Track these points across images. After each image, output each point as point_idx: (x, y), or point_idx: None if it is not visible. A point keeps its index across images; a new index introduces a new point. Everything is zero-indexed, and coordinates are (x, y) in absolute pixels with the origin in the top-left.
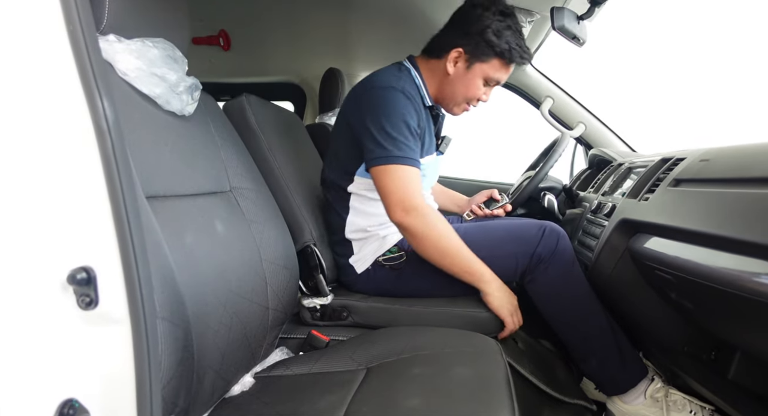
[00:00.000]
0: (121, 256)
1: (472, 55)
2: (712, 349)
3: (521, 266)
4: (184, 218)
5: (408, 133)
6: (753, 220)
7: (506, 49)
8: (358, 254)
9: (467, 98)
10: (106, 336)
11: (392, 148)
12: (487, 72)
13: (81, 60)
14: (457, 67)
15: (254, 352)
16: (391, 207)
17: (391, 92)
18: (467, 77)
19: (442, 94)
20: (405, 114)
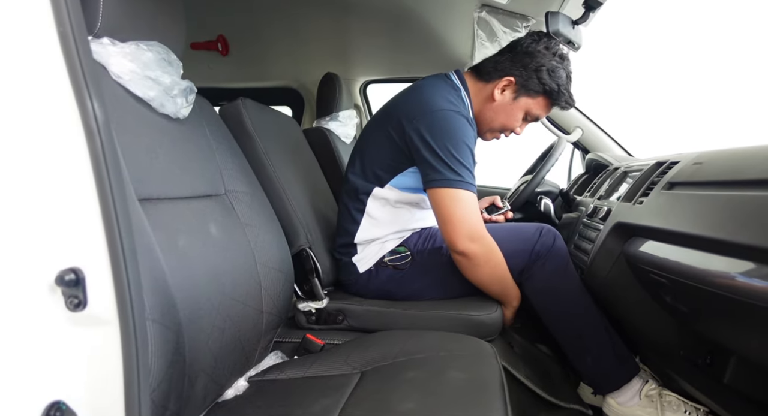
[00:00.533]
0: (110, 257)
1: (522, 87)
2: (707, 353)
3: (520, 263)
4: (178, 221)
5: (471, 160)
6: (745, 222)
7: (555, 90)
8: (361, 253)
9: (504, 127)
10: (94, 337)
11: (462, 174)
12: (531, 107)
13: (71, 60)
14: (504, 95)
15: (248, 356)
16: (455, 233)
17: (457, 117)
18: (511, 107)
19: (482, 117)
20: (468, 139)
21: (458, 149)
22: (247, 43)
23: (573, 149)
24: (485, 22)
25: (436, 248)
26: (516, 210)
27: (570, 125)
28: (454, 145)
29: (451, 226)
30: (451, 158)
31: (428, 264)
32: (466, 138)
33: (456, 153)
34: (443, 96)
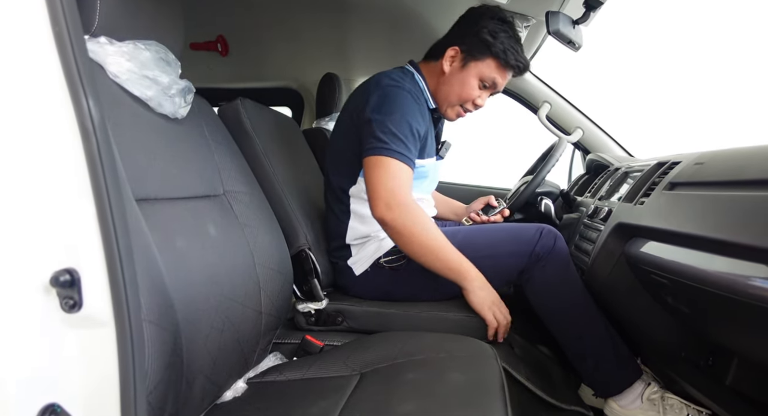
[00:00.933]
0: (106, 258)
1: (468, 53)
2: (709, 354)
3: (520, 265)
4: (176, 221)
5: (408, 133)
6: (748, 223)
7: (501, 50)
8: (356, 256)
9: (461, 99)
10: (90, 339)
11: (389, 142)
12: (482, 71)
13: (66, 60)
14: (453, 66)
15: (247, 357)
16: (374, 201)
17: (397, 91)
18: (462, 75)
19: (439, 95)
20: (409, 114)
21: (391, 119)
22: (246, 43)
23: (573, 150)
24: None
25: None
26: (516, 211)
27: (570, 126)
28: (388, 115)
29: (370, 193)
30: (384, 128)
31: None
32: (403, 109)
33: (389, 123)
34: (388, 76)
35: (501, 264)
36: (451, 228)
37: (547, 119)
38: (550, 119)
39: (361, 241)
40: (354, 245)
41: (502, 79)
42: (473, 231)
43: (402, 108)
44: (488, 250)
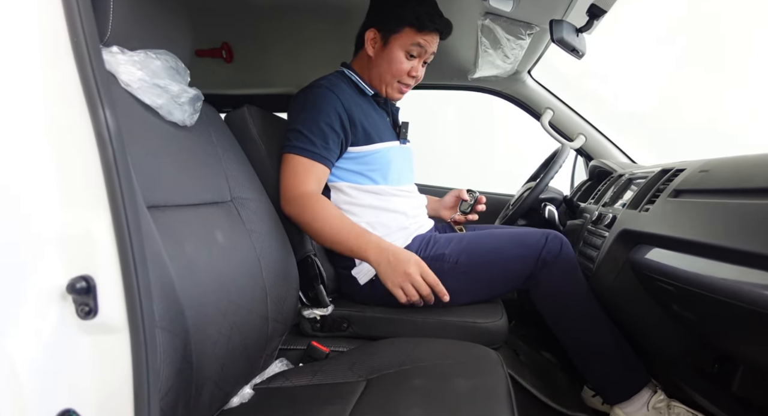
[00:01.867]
0: (121, 265)
1: (383, 30)
2: (715, 361)
3: (527, 270)
4: (185, 228)
5: (315, 126)
6: (754, 231)
7: (414, 17)
8: (360, 265)
9: (394, 74)
10: (104, 345)
11: (291, 139)
12: (404, 41)
13: (84, 70)
14: (375, 48)
15: (254, 363)
16: (280, 196)
17: (309, 90)
18: (386, 53)
19: (374, 79)
20: (316, 106)
21: (300, 118)
22: (251, 50)
23: (576, 156)
24: (489, 29)
25: (438, 254)
26: (520, 217)
27: (573, 132)
28: (298, 117)
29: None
30: (291, 126)
31: (433, 269)
32: (315, 105)
33: (295, 122)
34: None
35: (507, 270)
36: (456, 234)
37: (550, 125)
38: (552, 125)
39: None
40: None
41: (427, 43)
42: (478, 237)
43: (313, 104)
44: (494, 255)
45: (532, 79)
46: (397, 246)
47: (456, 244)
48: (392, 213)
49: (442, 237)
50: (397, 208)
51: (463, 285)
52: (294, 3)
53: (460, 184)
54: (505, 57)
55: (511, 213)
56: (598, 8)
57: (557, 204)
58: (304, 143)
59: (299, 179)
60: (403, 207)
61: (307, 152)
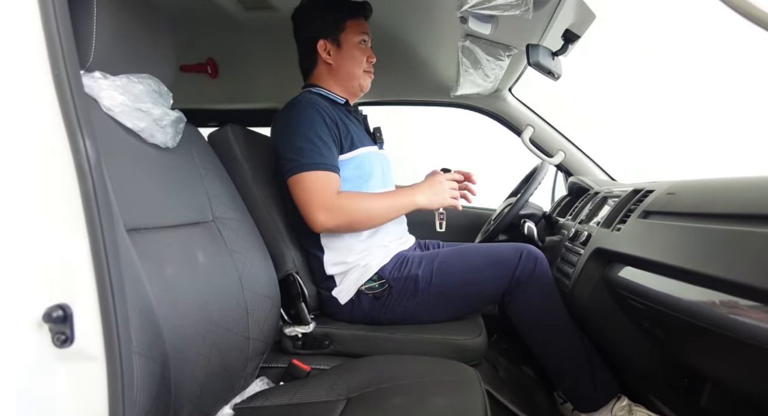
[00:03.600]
0: (99, 294)
1: (332, 35)
2: (685, 377)
3: (501, 288)
4: (166, 250)
5: (315, 138)
6: (714, 255)
7: (347, 11)
8: (340, 285)
9: (359, 65)
10: (80, 373)
11: (297, 157)
12: (351, 35)
13: (65, 103)
14: (332, 54)
15: (233, 383)
16: (309, 215)
17: (289, 108)
18: (344, 51)
19: (344, 80)
20: (306, 121)
21: (296, 134)
22: (235, 65)
23: (556, 171)
24: (469, 50)
25: (411, 275)
26: (501, 232)
27: (553, 148)
28: (291, 132)
29: (304, 212)
30: (290, 147)
31: (407, 290)
32: (300, 120)
33: (294, 139)
34: (290, 105)
35: (482, 289)
36: (428, 253)
37: (531, 142)
38: (533, 142)
39: (342, 270)
40: (337, 275)
41: (365, 29)
42: (451, 255)
43: (298, 119)
44: (467, 275)
45: (513, 96)
46: (422, 183)
47: (428, 265)
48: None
49: (416, 256)
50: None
51: (438, 305)
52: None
53: None
54: (486, 76)
55: (492, 229)
56: (572, 33)
57: (536, 220)
58: (310, 157)
59: (326, 191)
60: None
61: (318, 165)
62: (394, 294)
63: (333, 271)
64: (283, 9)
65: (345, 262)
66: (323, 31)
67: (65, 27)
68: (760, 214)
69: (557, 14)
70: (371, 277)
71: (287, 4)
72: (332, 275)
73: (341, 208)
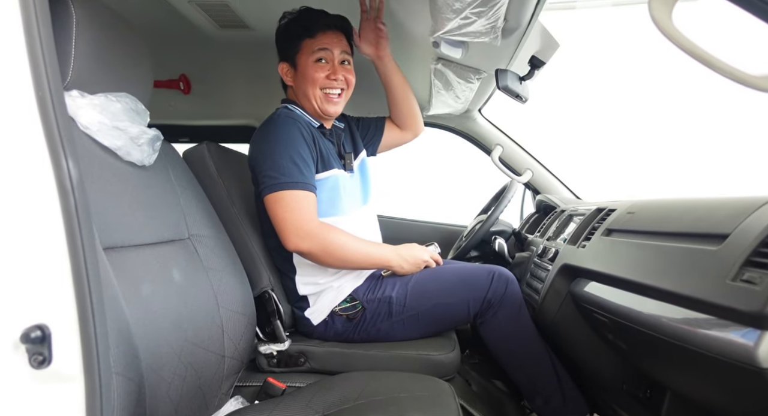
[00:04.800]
0: (79, 313)
1: (289, 57)
2: (647, 388)
3: (473, 310)
4: (142, 268)
5: (296, 156)
6: (669, 270)
7: (300, 29)
8: (313, 306)
9: (315, 85)
10: (58, 394)
11: (278, 175)
12: (305, 57)
13: (48, 122)
14: (291, 76)
15: (208, 403)
16: (285, 234)
17: (269, 123)
18: (300, 72)
19: (305, 101)
20: (286, 138)
21: (275, 150)
22: (209, 82)
23: (524, 189)
24: (441, 73)
25: (385, 297)
26: (472, 248)
27: (521, 167)
28: (270, 147)
29: (279, 228)
30: (269, 163)
31: (381, 313)
32: (288, 138)
33: (274, 155)
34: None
35: (454, 312)
36: (398, 278)
37: (500, 160)
38: (502, 160)
39: (315, 290)
40: (310, 296)
41: (328, 43)
42: (425, 277)
43: (278, 135)
44: (440, 299)
45: (483, 117)
46: (403, 247)
47: (402, 287)
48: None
49: (389, 278)
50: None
51: (412, 326)
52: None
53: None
54: (457, 97)
55: (464, 245)
56: (538, 60)
57: (507, 236)
58: (291, 176)
59: (304, 213)
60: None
61: (299, 184)
62: (368, 316)
63: (305, 292)
64: (258, 28)
65: (316, 283)
66: (282, 54)
67: (49, 47)
68: (706, 233)
69: (524, 42)
70: (345, 299)
71: (262, 23)
72: (305, 295)
73: (318, 233)
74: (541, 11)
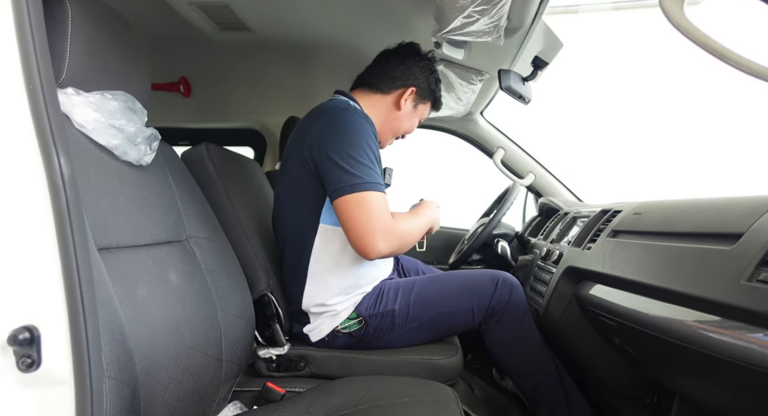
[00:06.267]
0: (69, 314)
1: (420, 95)
2: (654, 393)
3: (477, 318)
4: (138, 270)
5: (373, 157)
6: (678, 272)
7: (438, 98)
8: (314, 323)
9: (405, 131)
10: (48, 398)
11: (361, 175)
12: (424, 112)
13: (39, 117)
14: (406, 104)
15: (206, 408)
16: (373, 239)
17: (348, 114)
18: (413, 114)
19: (386, 126)
20: (366, 137)
21: (355, 147)
22: (210, 85)
23: (527, 192)
24: (443, 74)
25: (388, 310)
26: (474, 252)
27: (523, 170)
28: (350, 143)
29: (360, 235)
30: (349, 160)
31: (384, 326)
32: (366, 136)
33: (354, 152)
34: (336, 106)
35: (457, 320)
36: (404, 281)
37: (502, 163)
38: (504, 163)
39: (318, 310)
40: (312, 313)
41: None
42: (428, 286)
43: (358, 131)
44: (444, 308)
45: (485, 119)
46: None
47: (405, 297)
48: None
49: (392, 286)
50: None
51: (415, 335)
52: (254, 41)
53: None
54: (459, 99)
55: (466, 248)
56: (541, 60)
57: (509, 239)
58: (373, 177)
59: (386, 213)
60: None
61: (380, 185)
62: (371, 331)
63: (309, 307)
64: (259, 31)
65: (323, 304)
66: (419, 86)
67: (41, 42)
68: (718, 233)
69: (527, 41)
70: (348, 316)
71: (263, 26)
72: (306, 311)
73: (396, 231)
74: (544, 10)
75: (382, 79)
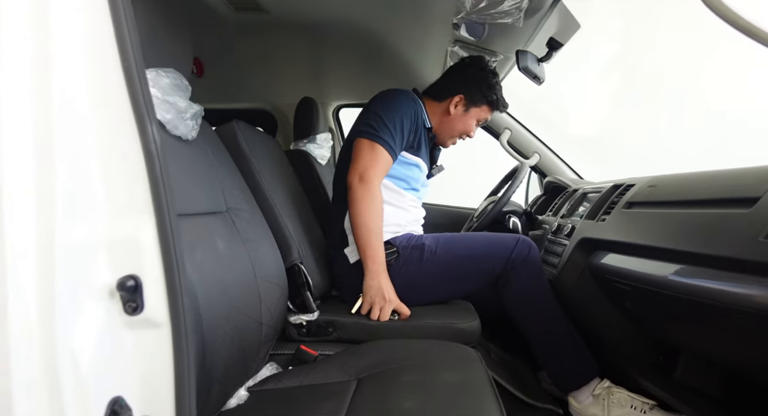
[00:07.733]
0: (164, 267)
1: (470, 100)
2: (660, 353)
3: (497, 270)
4: (193, 236)
5: (399, 128)
6: (695, 235)
7: (494, 100)
8: (352, 245)
9: (462, 133)
10: (148, 339)
11: (381, 133)
12: (479, 114)
13: (134, 90)
14: (457, 109)
15: (249, 367)
16: (353, 171)
17: (397, 92)
18: (465, 117)
19: (442, 129)
20: (403, 112)
21: (388, 114)
22: (222, 65)
23: (530, 172)
24: (457, 55)
25: (419, 244)
26: (484, 228)
27: (528, 150)
28: (385, 110)
29: (352, 167)
30: (378, 119)
31: (413, 258)
32: (403, 112)
33: (384, 117)
34: (398, 90)
35: (480, 268)
36: (432, 234)
37: (508, 144)
38: (510, 144)
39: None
40: (351, 234)
41: (490, 116)
42: (454, 236)
43: (397, 105)
44: (469, 251)
45: None
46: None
47: (435, 239)
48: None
49: (424, 234)
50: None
51: (438, 280)
52: (268, 22)
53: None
54: None
55: (476, 225)
56: (556, 41)
57: (519, 215)
58: (386, 135)
59: (378, 168)
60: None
61: (388, 146)
62: (400, 261)
63: (349, 228)
64: (273, 11)
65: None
66: (467, 92)
67: (131, 22)
68: (735, 198)
69: (543, 22)
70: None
71: (278, 7)
72: (346, 235)
73: (369, 189)
74: None
75: (439, 90)
